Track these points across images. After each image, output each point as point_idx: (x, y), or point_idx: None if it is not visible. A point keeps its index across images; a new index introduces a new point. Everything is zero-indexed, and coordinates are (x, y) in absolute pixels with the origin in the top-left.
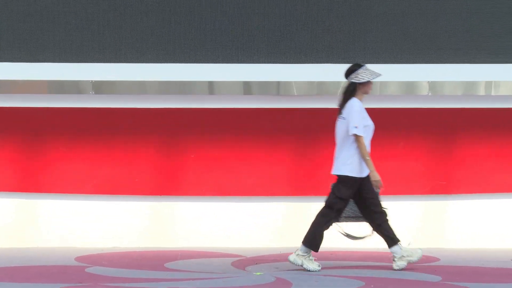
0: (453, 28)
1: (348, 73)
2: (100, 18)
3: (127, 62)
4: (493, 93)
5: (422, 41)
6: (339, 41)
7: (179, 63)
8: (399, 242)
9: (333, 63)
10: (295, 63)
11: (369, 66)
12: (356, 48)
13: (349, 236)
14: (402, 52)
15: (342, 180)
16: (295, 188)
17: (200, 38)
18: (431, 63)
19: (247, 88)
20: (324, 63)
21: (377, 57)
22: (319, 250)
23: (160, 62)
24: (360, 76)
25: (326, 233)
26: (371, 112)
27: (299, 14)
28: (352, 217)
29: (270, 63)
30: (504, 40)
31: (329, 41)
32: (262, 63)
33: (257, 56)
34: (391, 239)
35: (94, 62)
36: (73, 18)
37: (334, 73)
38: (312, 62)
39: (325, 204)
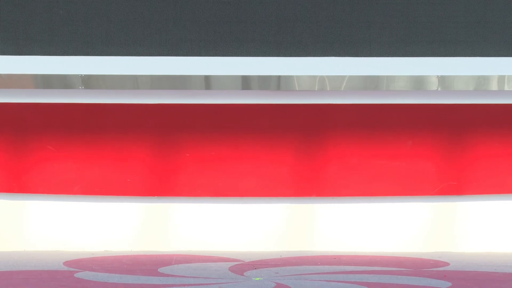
0: (464, 19)
1: None
2: (89, 8)
3: (119, 55)
4: (506, 88)
5: (431, 32)
6: (343, 33)
7: (173, 56)
8: None
9: (337, 56)
10: (296, 56)
11: (376, 59)
12: (361, 40)
13: None
14: (409, 44)
15: None
16: (297, 188)
17: (196, 29)
18: (441, 56)
19: (246, 82)
20: (327, 56)
21: (383, 50)
22: (322, 255)
23: (153, 55)
24: None
25: (329, 236)
26: (377, 108)
27: (301, 4)
28: None
29: (270, 56)
30: None
31: (332, 33)
32: (262, 56)
33: (257, 49)
34: None
35: (83, 55)
36: (60, 8)
37: (337, 66)
38: (315, 55)
39: None
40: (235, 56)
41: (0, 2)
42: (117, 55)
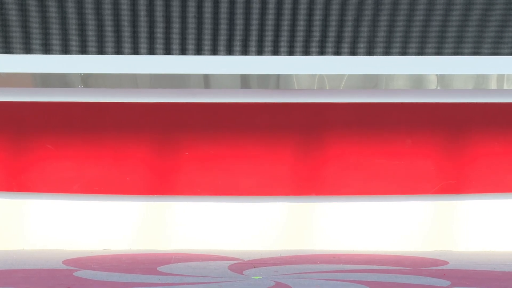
0: (463, 17)
1: None
2: (88, 6)
3: (118, 54)
4: (505, 87)
5: (430, 31)
6: (342, 32)
7: (172, 55)
8: None
9: (336, 55)
10: (295, 55)
11: (374, 58)
12: (360, 39)
13: None
14: (409, 43)
15: None
16: (296, 187)
17: (195, 28)
18: (440, 55)
19: (245, 81)
20: (326, 54)
21: (382, 49)
22: (322, 254)
23: (153, 54)
24: None
25: (328, 235)
26: (376, 107)
27: (300, 2)
28: None
29: (270, 55)
30: None
31: (331, 32)
32: (261, 55)
33: (256, 48)
34: None
35: (82, 53)
36: (59, 7)
37: (336, 65)
38: (314, 54)
39: None
40: (234, 55)
41: (0, 2)
42: (116, 54)
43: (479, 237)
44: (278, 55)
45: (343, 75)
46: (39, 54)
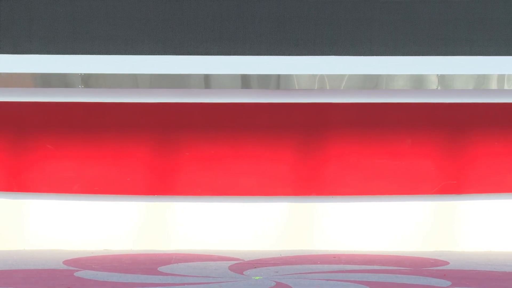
0: (463, 17)
1: None
2: (89, 6)
3: (118, 54)
4: (506, 87)
5: (431, 31)
6: (343, 32)
7: (173, 55)
8: None
9: (336, 55)
10: (296, 55)
11: (375, 58)
12: (360, 39)
13: None
14: (409, 43)
15: None
16: (297, 187)
17: (195, 28)
18: (440, 55)
19: (246, 81)
20: (326, 55)
21: (382, 49)
22: (322, 254)
23: (153, 54)
24: None
25: (329, 235)
26: (377, 107)
27: (301, 2)
28: None
29: (270, 55)
30: None
31: (332, 32)
32: (261, 55)
33: (256, 48)
34: None
35: (83, 54)
36: (60, 6)
37: (337, 65)
38: (314, 54)
39: None
40: (234, 55)
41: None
42: (116, 54)
43: (479, 237)
44: (279, 55)
45: (343, 75)
46: (40, 54)
